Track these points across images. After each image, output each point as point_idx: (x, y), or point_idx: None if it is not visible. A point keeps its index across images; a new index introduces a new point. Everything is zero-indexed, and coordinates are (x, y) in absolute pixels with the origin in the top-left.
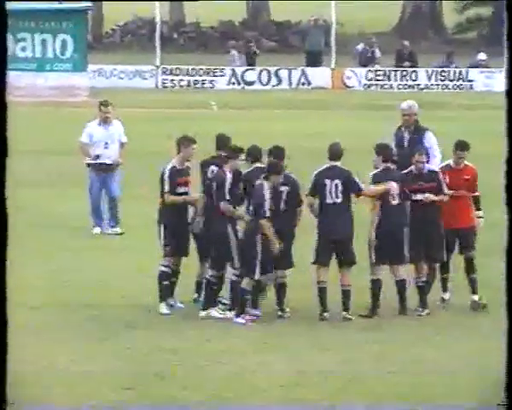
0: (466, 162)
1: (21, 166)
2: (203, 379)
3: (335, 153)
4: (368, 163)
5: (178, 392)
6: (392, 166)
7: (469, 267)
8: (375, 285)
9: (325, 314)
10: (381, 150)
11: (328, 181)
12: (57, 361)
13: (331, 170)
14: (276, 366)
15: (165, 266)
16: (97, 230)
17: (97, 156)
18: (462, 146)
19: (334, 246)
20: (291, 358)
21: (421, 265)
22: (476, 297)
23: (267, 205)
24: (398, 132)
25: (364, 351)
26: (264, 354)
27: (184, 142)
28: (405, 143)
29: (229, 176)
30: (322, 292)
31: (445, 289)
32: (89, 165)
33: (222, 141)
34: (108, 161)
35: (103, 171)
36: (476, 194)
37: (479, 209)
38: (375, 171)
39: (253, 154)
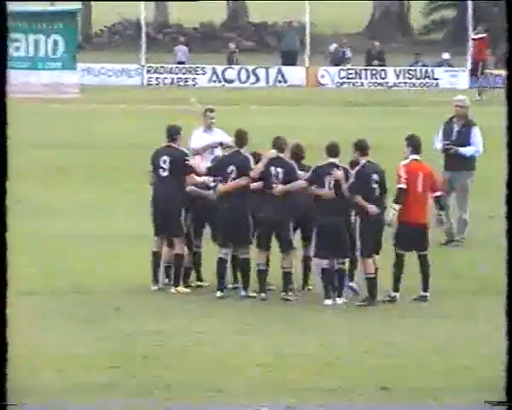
0: (415, 158)
1: (14, 159)
2: (186, 359)
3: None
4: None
5: (162, 372)
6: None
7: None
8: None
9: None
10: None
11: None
12: (47, 344)
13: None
14: (255, 347)
15: None
16: None
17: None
18: (407, 140)
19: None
20: (269, 340)
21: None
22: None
23: None
24: (449, 123)
25: (338, 333)
26: (244, 336)
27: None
28: (454, 134)
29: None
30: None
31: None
32: None
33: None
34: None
35: None
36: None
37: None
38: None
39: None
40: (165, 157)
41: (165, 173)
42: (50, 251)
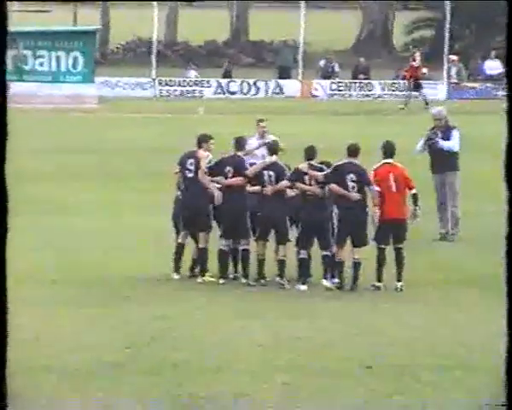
0: (387, 161)
1: (35, 162)
2: (191, 342)
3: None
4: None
5: (169, 353)
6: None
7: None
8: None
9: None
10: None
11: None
12: (63, 329)
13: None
14: (254, 331)
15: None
16: None
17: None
18: (381, 147)
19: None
20: (267, 325)
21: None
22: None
23: None
24: (433, 133)
25: (330, 318)
26: (244, 321)
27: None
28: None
29: None
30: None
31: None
32: None
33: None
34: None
35: None
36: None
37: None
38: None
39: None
40: (192, 160)
41: (191, 175)
42: (67, 244)
